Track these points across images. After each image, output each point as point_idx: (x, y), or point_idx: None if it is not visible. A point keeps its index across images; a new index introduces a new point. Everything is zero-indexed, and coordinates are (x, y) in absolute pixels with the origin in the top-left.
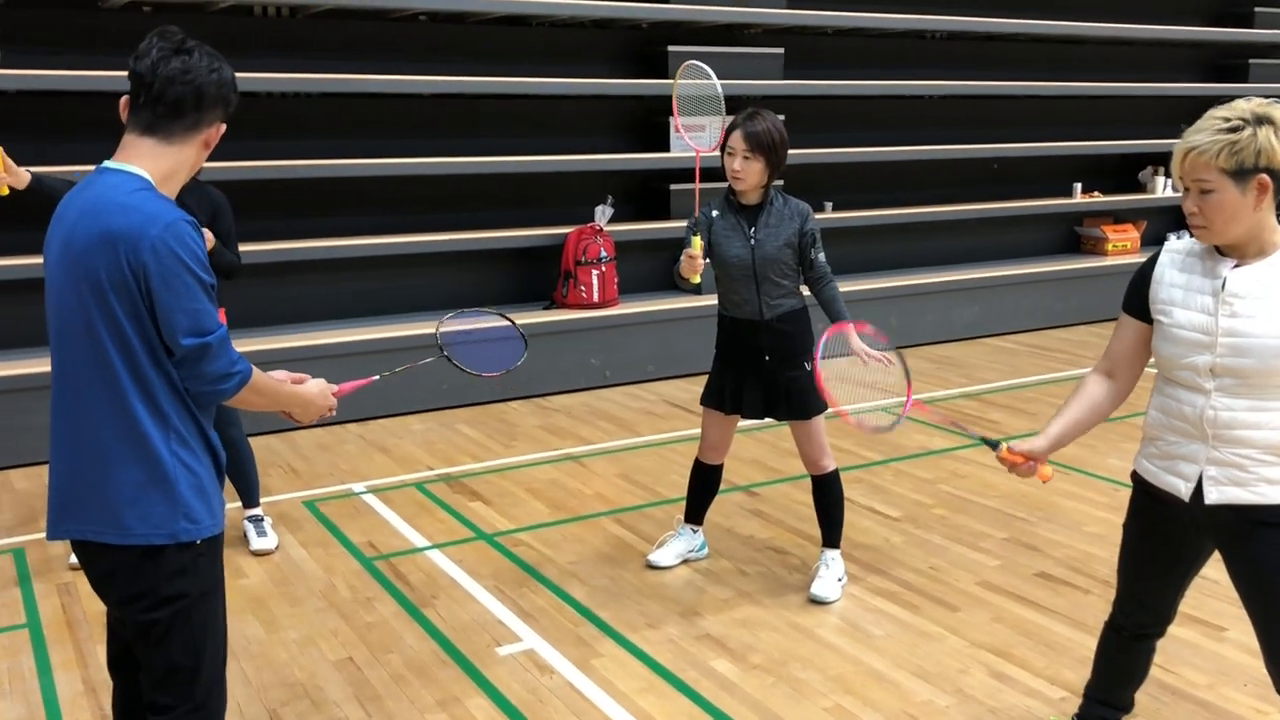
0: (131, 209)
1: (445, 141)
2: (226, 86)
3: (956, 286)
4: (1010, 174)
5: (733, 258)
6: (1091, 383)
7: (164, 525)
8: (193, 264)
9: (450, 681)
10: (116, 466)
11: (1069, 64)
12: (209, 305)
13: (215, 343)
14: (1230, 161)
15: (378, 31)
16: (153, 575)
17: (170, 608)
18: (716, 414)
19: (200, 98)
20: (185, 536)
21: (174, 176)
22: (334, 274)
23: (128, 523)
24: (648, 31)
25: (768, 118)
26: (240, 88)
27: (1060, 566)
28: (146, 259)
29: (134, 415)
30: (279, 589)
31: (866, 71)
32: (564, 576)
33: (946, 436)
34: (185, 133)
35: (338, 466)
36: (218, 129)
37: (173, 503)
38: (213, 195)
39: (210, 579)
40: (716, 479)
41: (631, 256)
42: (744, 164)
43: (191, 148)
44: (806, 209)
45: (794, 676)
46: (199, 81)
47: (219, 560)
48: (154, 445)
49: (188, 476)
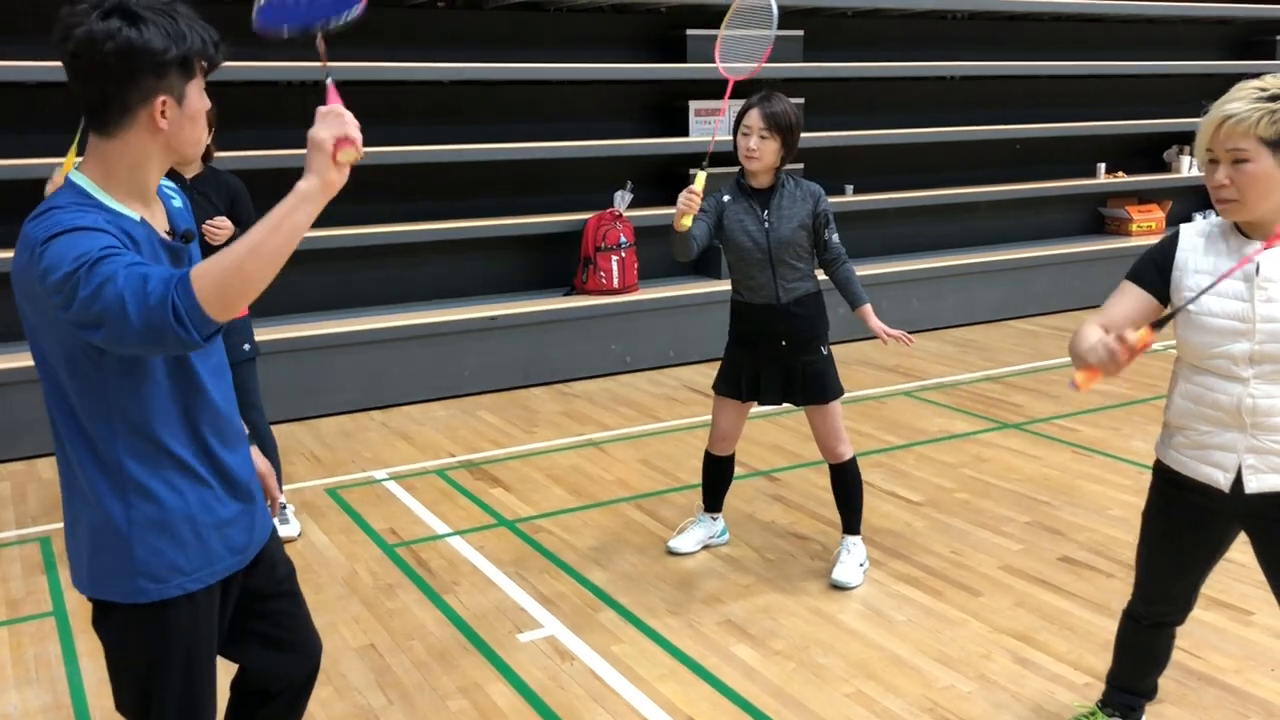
0: (26, 237)
1: (465, 128)
2: (138, 54)
3: (979, 269)
4: (1033, 155)
5: (747, 242)
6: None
7: (117, 584)
8: (58, 274)
9: (471, 668)
10: (76, 514)
11: (1092, 43)
12: (89, 289)
13: (86, 268)
14: (1271, 130)
15: (396, 19)
16: (110, 631)
17: (118, 667)
18: (731, 402)
19: (105, 80)
20: (143, 597)
21: (134, 169)
22: (354, 261)
23: (89, 574)
24: (666, 15)
25: (785, 99)
26: (262, 77)
27: (1083, 550)
28: (35, 294)
29: (73, 460)
30: (301, 576)
31: (887, 53)
32: (585, 562)
33: (969, 420)
34: (117, 119)
35: (360, 454)
36: (162, 102)
37: (128, 559)
38: (230, 182)
39: (177, 641)
40: (730, 468)
41: (651, 242)
42: (760, 143)
43: (136, 135)
44: (819, 190)
45: (815, 662)
46: (97, 58)
47: (205, 615)
48: (101, 498)
49: (151, 529)
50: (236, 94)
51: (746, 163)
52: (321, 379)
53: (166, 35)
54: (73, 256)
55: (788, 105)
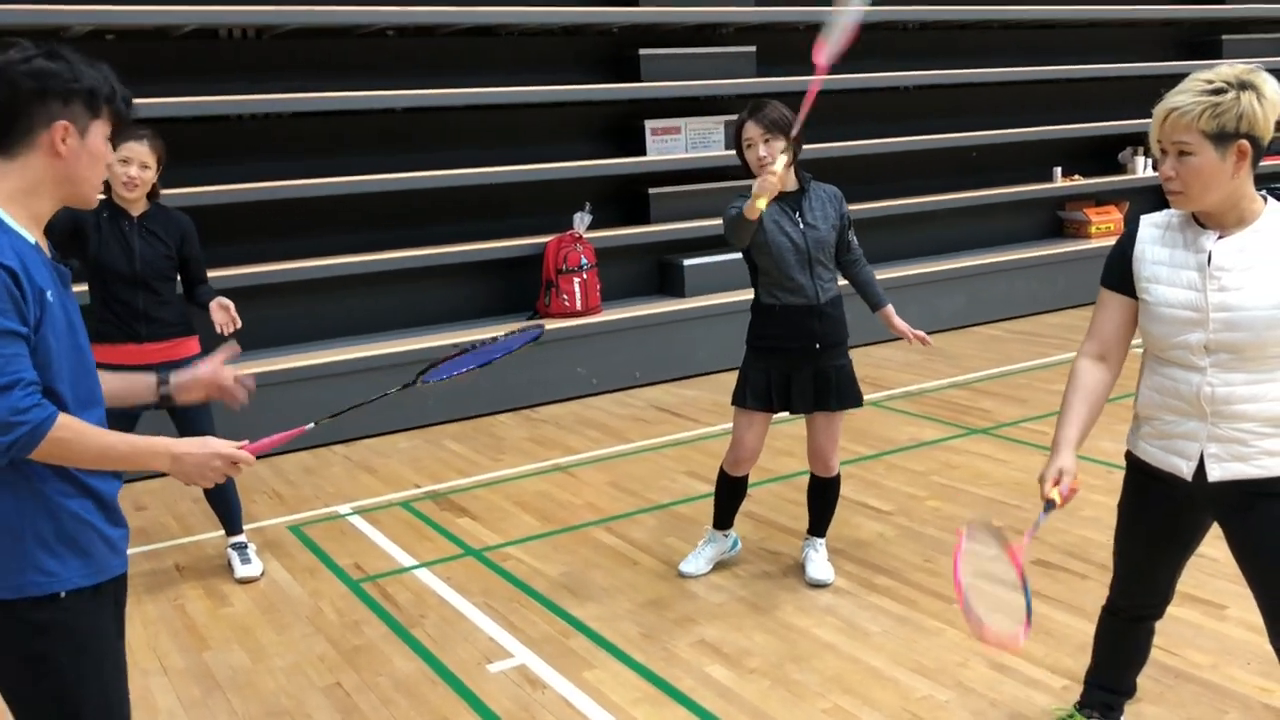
0: None
1: (420, 155)
2: (48, 77)
3: (941, 276)
4: (990, 161)
5: (787, 243)
6: (1085, 372)
7: (9, 577)
8: None
9: (440, 701)
10: None
11: (1043, 49)
12: None
13: None
14: (1211, 124)
15: (346, 49)
16: (6, 632)
17: (32, 669)
18: (759, 416)
19: (14, 96)
20: (36, 590)
21: (30, 194)
22: (313, 294)
23: None
24: (619, 36)
25: (774, 103)
26: (210, 111)
27: (1056, 552)
28: None
29: None
30: (265, 616)
31: (840, 65)
32: (555, 589)
33: (938, 427)
34: (20, 142)
35: (323, 489)
36: (59, 129)
37: (17, 555)
38: (179, 220)
39: (79, 636)
40: (745, 486)
41: (613, 262)
42: (768, 148)
43: (38, 159)
44: (839, 192)
45: (791, 679)
46: (9, 75)
47: (96, 616)
48: None
49: (45, 528)
50: (184, 130)
51: (762, 172)
52: (281, 415)
53: (78, 70)
54: None
55: (779, 108)
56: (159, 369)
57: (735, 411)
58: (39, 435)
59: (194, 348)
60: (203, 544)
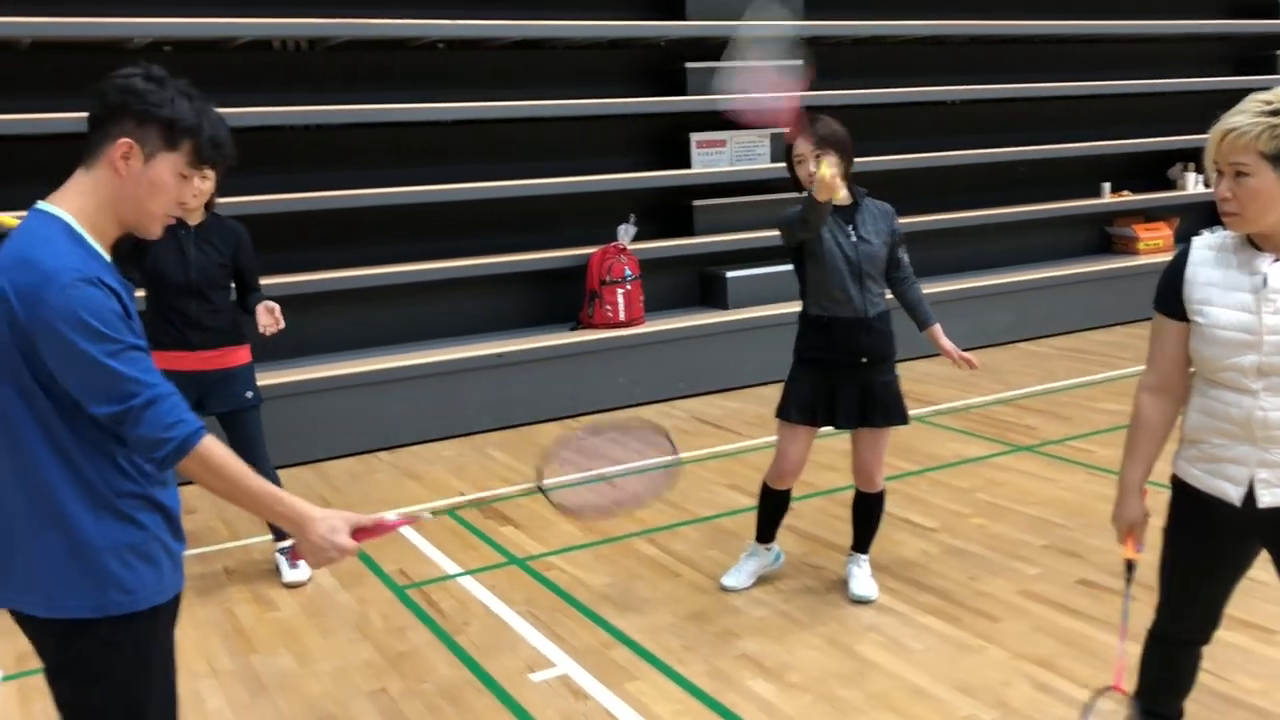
0: (32, 264)
1: (467, 167)
2: (133, 94)
3: (988, 292)
4: (1037, 177)
5: (839, 254)
6: (1148, 408)
7: (91, 597)
8: (95, 325)
9: (484, 709)
10: (35, 536)
11: (1092, 63)
12: (122, 367)
13: (139, 406)
14: (1271, 145)
15: (397, 61)
16: (81, 651)
17: (100, 685)
18: (803, 430)
19: (101, 107)
20: (116, 610)
21: (100, 210)
22: (360, 303)
23: (53, 594)
24: (665, 49)
25: (826, 119)
26: (263, 122)
27: (1102, 573)
28: (40, 326)
29: (47, 483)
30: (311, 621)
31: (887, 79)
32: (597, 600)
33: (982, 444)
34: (95, 153)
35: (369, 495)
36: (125, 146)
37: (99, 574)
38: (234, 229)
39: (151, 653)
40: (788, 500)
41: (656, 274)
42: (818, 164)
43: (102, 173)
44: (892, 209)
45: (834, 695)
46: (103, 87)
47: (164, 631)
48: (72, 515)
49: (120, 544)
50: (236, 140)
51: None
52: (328, 422)
53: (170, 100)
54: (129, 386)
55: (831, 123)
56: (210, 377)
57: (779, 424)
58: (185, 451)
59: (245, 356)
60: (250, 549)
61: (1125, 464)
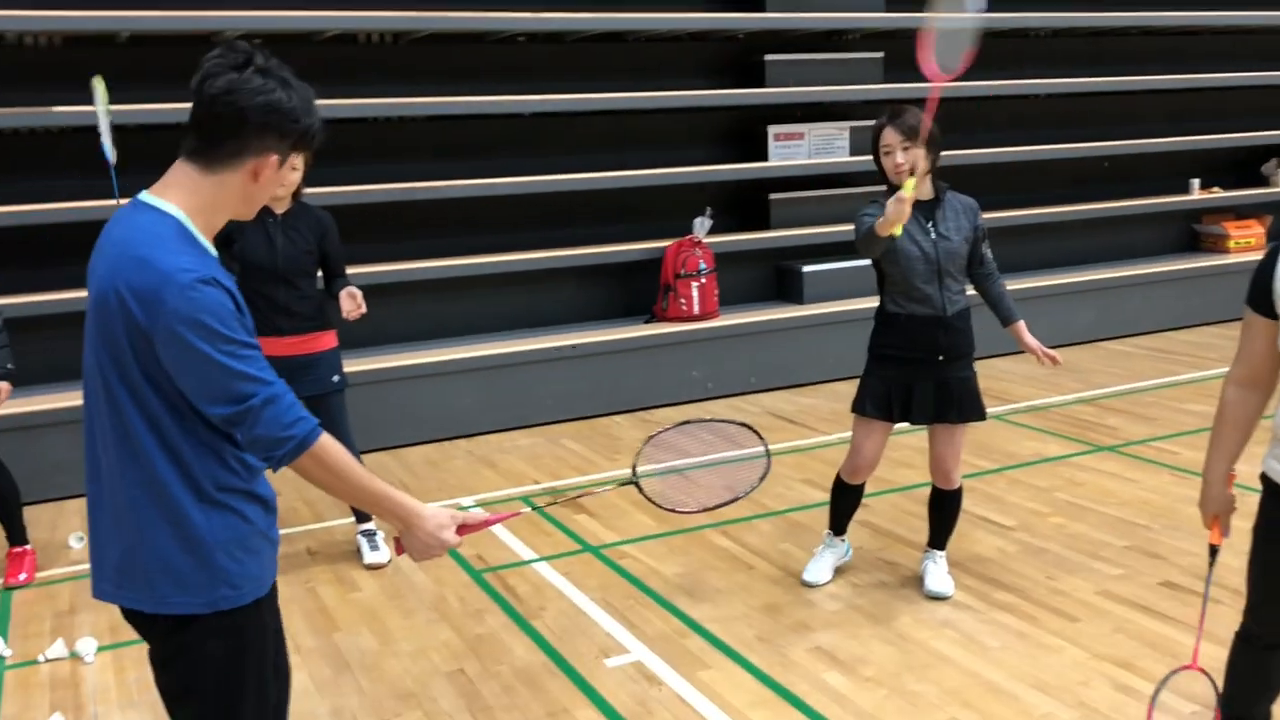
0: (149, 264)
1: (545, 159)
2: (278, 113)
3: (1070, 289)
4: (1123, 172)
5: (916, 252)
6: (1234, 401)
7: (202, 593)
8: (215, 326)
9: (559, 692)
10: (146, 532)
11: (1183, 56)
12: (241, 366)
13: (258, 405)
14: None
15: (478, 54)
16: (188, 642)
17: (206, 673)
18: (879, 425)
19: (242, 122)
20: (225, 604)
21: (217, 209)
22: (439, 293)
23: (161, 590)
24: (744, 41)
25: (912, 109)
26: (346, 114)
27: (1186, 575)
28: (159, 328)
29: (160, 478)
30: (391, 601)
31: (971, 72)
32: (670, 589)
33: (1062, 443)
34: (227, 160)
35: (446, 482)
36: (268, 160)
37: (210, 569)
38: (320, 217)
39: (252, 640)
40: (861, 494)
41: (731, 268)
42: (905, 155)
43: (236, 178)
44: (975, 204)
45: (908, 689)
46: (242, 104)
47: (266, 617)
48: (184, 510)
49: (229, 539)
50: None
51: (899, 179)
52: (407, 409)
53: (301, 109)
54: (246, 386)
55: (918, 114)
56: (297, 361)
57: (855, 419)
58: (304, 449)
59: (332, 341)
60: (332, 530)
61: (1210, 453)
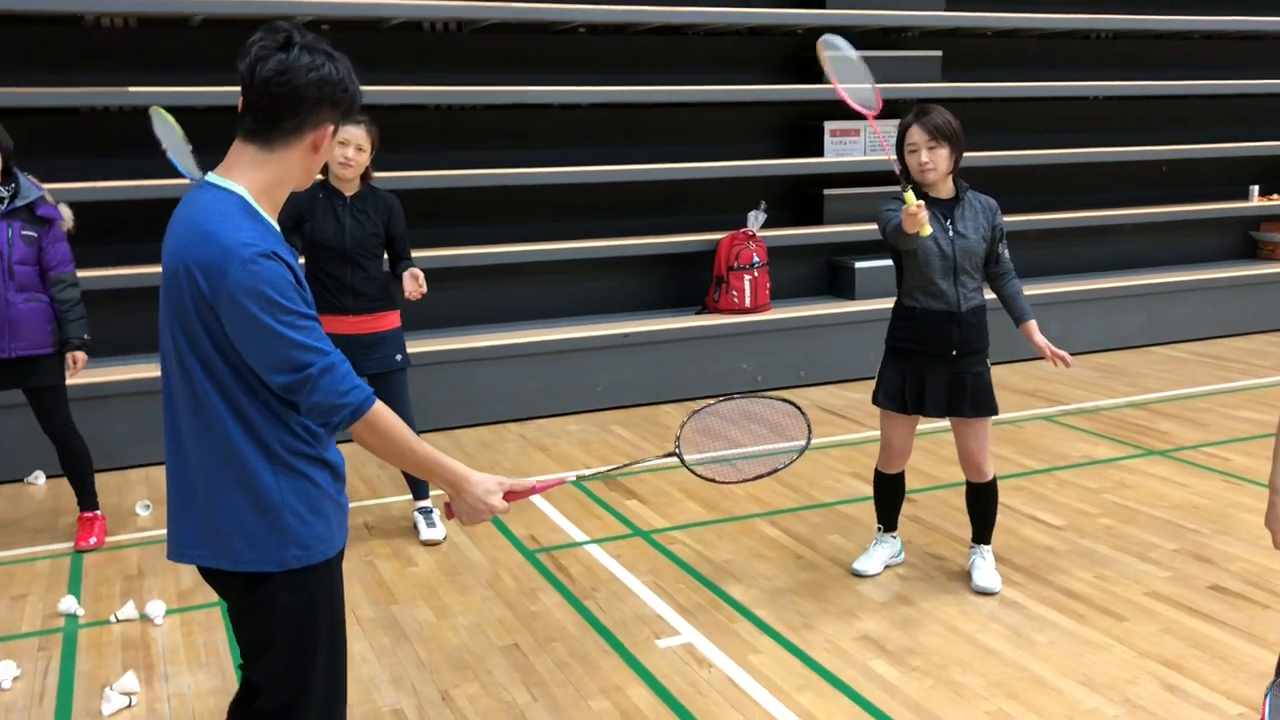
0: (213, 239)
1: (603, 149)
2: (330, 85)
3: (1122, 293)
4: (1181, 176)
5: (933, 248)
6: None
7: (273, 552)
8: (275, 298)
9: (612, 670)
10: (221, 494)
11: (1244, 60)
12: (300, 337)
13: (316, 374)
14: None
15: (540, 44)
16: (262, 598)
17: (280, 626)
18: (899, 417)
19: (299, 100)
20: (295, 564)
21: (280, 184)
22: (496, 279)
23: (236, 549)
24: (803, 37)
25: (940, 109)
26: (410, 100)
27: (1236, 580)
28: (223, 299)
29: (233, 444)
30: (448, 577)
31: (1027, 73)
32: (720, 574)
33: (1112, 446)
34: (287, 138)
35: (499, 464)
36: (325, 131)
37: (280, 530)
38: (387, 200)
39: (322, 597)
40: (902, 485)
41: (784, 262)
42: (930, 154)
43: (296, 153)
44: (995, 204)
45: (955, 680)
46: (296, 82)
47: (335, 577)
48: (256, 473)
49: (298, 502)
50: (382, 117)
51: (923, 176)
52: (463, 391)
53: (348, 79)
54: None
55: (945, 113)
56: (362, 340)
57: (880, 412)
58: (359, 415)
59: (395, 321)
60: (389, 506)
61: (1275, 466)
